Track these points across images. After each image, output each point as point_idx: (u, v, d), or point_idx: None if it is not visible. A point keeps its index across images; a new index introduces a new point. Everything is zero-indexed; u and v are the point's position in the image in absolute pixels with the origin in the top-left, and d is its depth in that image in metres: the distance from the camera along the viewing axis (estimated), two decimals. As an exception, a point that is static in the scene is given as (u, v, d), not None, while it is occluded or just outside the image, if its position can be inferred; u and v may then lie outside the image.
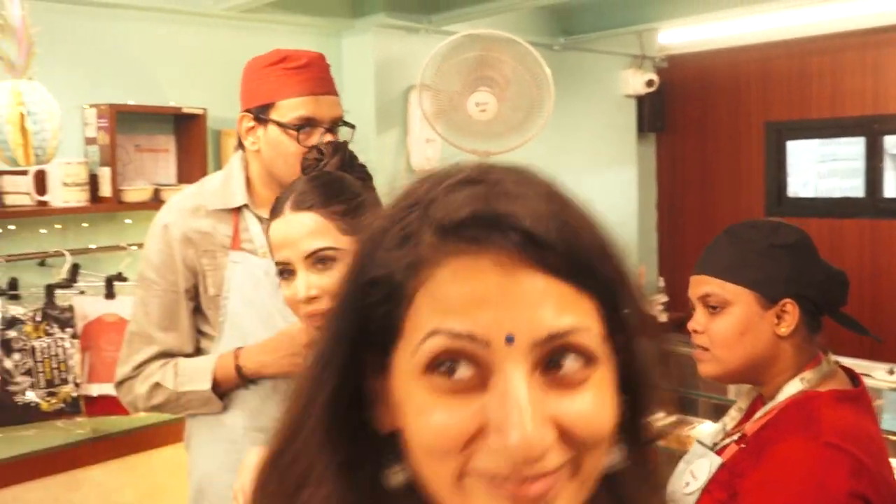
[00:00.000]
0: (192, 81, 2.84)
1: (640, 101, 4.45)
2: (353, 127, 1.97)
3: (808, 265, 1.45)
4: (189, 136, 2.73)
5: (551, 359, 0.58)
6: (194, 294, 1.91)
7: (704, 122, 4.58)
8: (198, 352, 1.94)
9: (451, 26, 3.26)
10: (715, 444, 1.51)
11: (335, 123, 1.89)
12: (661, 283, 4.48)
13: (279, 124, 1.84)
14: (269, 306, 1.88)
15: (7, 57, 2.11)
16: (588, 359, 0.59)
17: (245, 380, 1.86)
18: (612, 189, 4.22)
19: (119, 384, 1.93)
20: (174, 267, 1.89)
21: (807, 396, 1.42)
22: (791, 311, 1.41)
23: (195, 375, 1.87)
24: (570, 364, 0.58)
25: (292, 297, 1.45)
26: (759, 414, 1.45)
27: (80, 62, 2.61)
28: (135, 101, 2.62)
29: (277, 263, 1.44)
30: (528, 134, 2.48)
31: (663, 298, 4.24)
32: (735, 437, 1.46)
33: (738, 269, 1.42)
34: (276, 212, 1.46)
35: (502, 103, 2.40)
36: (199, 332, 1.95)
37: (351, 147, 1.89)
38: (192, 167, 2.73)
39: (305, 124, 1.84)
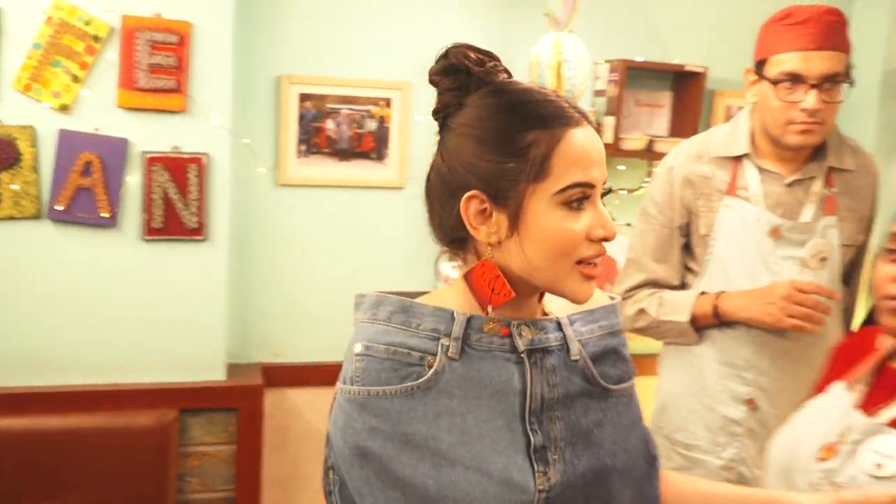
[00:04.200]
0: (695, 40, 2.88)
1: None
2: (851, 84, 1.88)
3: None
4: (686, 94, 2.79)
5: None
6: (686, 231, 2.01)
7: None
8: (682, 286, 2.06)
9: None
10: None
11: (827, 79, 1.80)
12: None
13: (767, 79, 1.85)
14: (754, 253, 1.91)
15: (553, 13, 2.42)
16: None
17: (719, 319, 1.93)
18: None
19: (610, 303, 2.14)
20: (672, 205, 2.00)
21: None
22: None
23: (676, 308, 1.97)
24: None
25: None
26: None
27: (604, 20, 2.79)
28: (643, 57, 2.74)
29: (579, 186, 1.00)
30: None
31: None
32: None
33: None
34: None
35: None
36: (686, 268, 2.05)
37: (848, 115, 1.80)
38: (684, 123, 2.79)
39: (788, 79, 1.81)
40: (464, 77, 1.05)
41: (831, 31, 1.83)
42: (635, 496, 1.10)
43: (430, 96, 2.80)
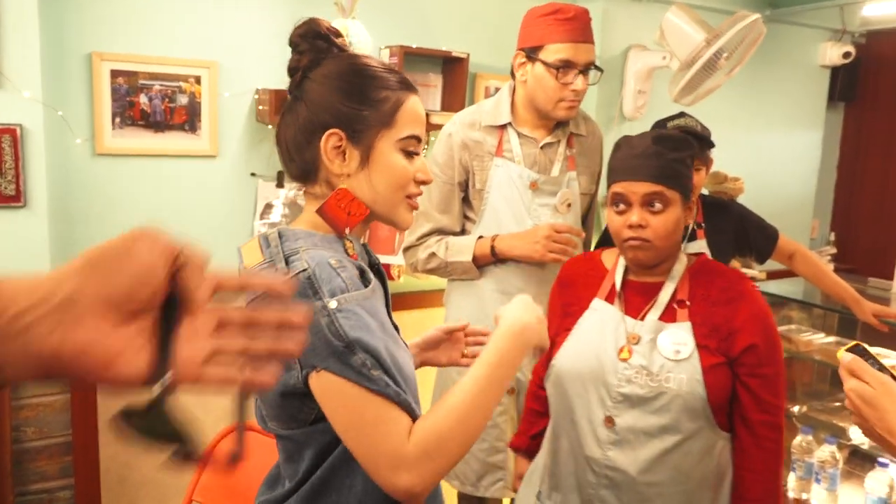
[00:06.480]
0: (460, 31, 3.15)
1: (835, 71, 4.33)
2: (601, 70, 2.26)
3: None
4: (453, 76, 3.07)
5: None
6: (465, 187, 2.29)
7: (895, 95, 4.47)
8: (463, 231, 2.34)
9: (670, -4, 3.43)
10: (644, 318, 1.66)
11: (588, 66, 2.14)
12: (832, 237, 4.47)
13: (544, 63, 2.13)
14: (518, 202, 2.23)
15: (341, 2, 2.61)
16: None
17: (496, 257, 2.23)
18: (797, 149, 4.23)
19: (406, 249, 2.34)
20: (452, 164, 2.26)
21: (705, 258, 1.76)
22: (693, 207, 1.70)
23: (461, 250, 2.24)
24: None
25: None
26: (673, 284, 1.67)
27: (384, 9, 2.99)
28: (417, 44, 3.00)
29: (415, 137, 1.30)
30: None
31: (832, 251, 4.25)
32: (662, 307, 1.65)
33: (674, 178, 1.60)
34: None
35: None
36: (465, 217, 2.33)
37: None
38: (452, 100, 3.08)
39: (564, 65, 2.11)
40: (323, 42, 1.23)
41: (588, 27, 2.15)
42: None
43: (235, 75, 2.88)
